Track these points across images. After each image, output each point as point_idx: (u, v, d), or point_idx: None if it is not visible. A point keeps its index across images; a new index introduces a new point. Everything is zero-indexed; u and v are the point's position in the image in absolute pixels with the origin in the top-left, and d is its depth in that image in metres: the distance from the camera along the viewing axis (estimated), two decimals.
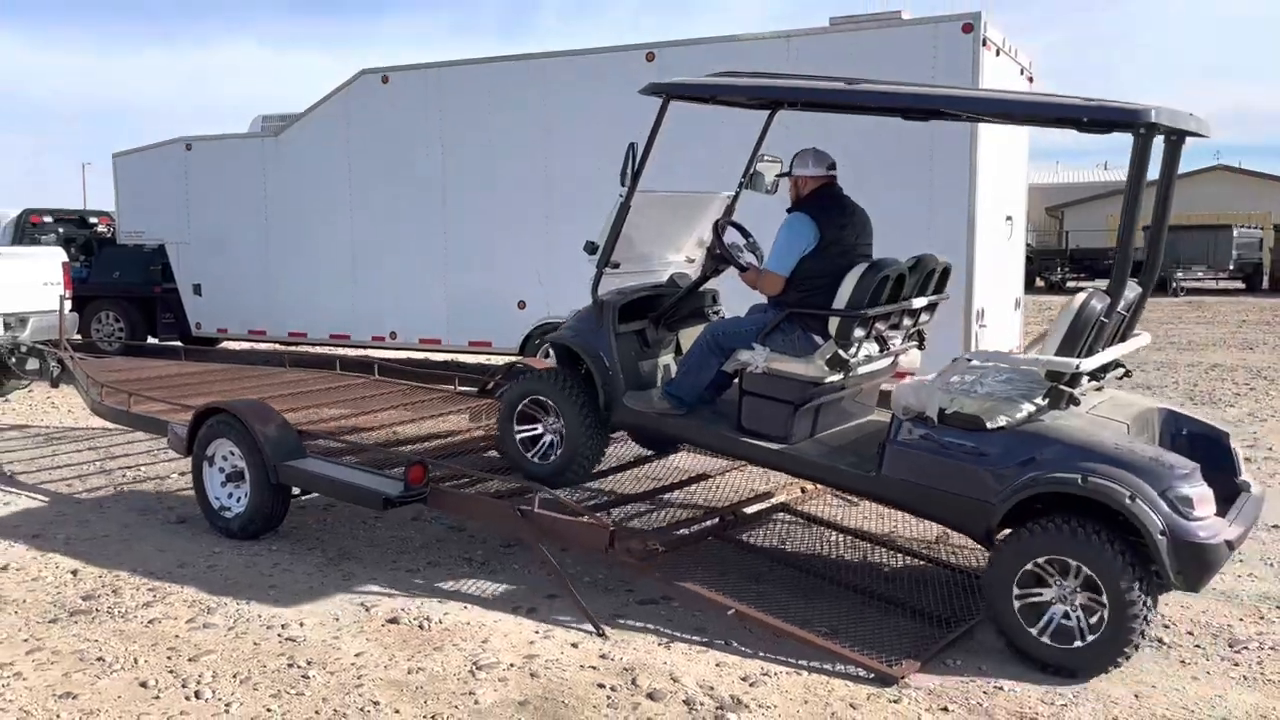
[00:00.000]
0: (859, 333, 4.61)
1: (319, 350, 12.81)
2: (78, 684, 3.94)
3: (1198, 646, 4.31)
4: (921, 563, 5.13)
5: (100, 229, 15.42)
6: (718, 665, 4.09)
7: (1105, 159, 51.51)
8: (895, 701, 3.80)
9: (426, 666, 4.07)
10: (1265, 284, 30.09)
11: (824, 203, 4.89)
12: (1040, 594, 4.01)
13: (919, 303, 4.98)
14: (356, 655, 4.19)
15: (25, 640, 4.36)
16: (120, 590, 4.94)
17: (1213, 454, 4.45)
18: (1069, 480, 3.89)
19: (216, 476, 5.80)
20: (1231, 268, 29.69)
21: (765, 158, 5.35)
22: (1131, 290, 4.61)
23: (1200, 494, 3.87)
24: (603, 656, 4.17)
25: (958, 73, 8.26)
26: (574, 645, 4.29)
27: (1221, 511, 4.04)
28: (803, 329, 4.73)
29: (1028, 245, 10.88)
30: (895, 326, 5.02)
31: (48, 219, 14.98)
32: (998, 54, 8.75)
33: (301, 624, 4.51)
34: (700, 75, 6.78)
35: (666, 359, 5.44)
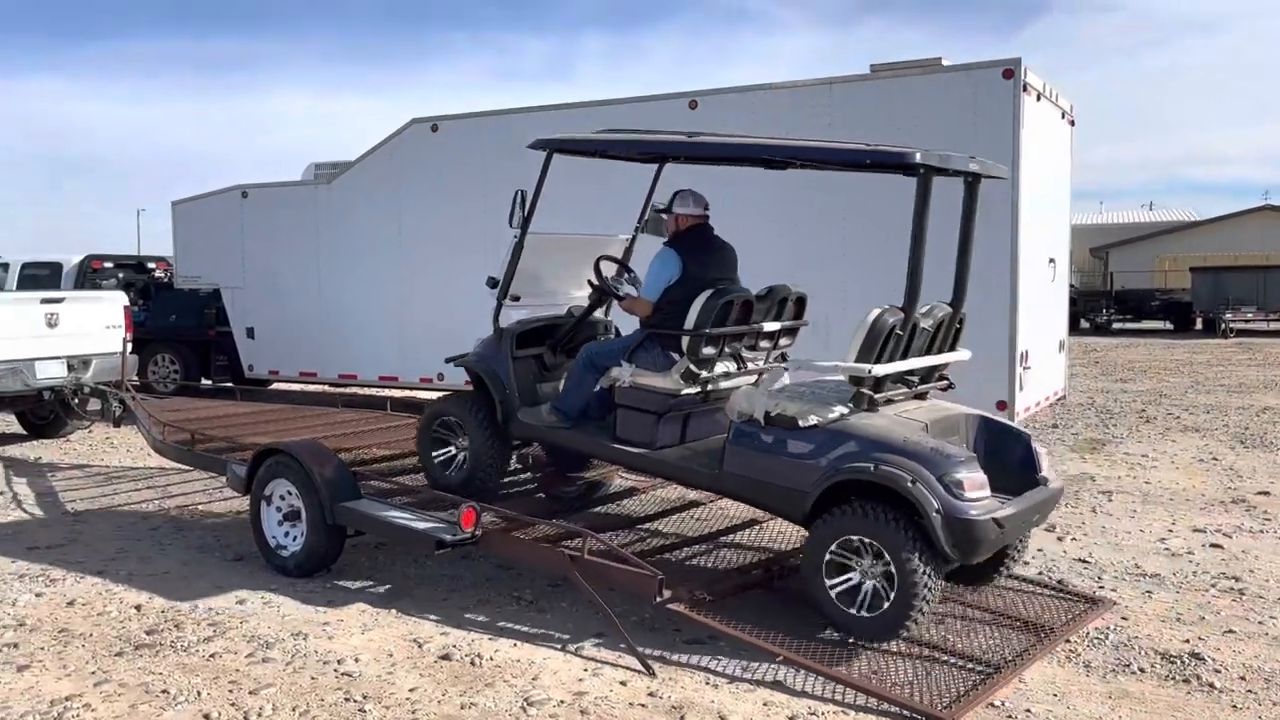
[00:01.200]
0: (709, 350, 5.23)
1: (369, 392, 13.05)
2: (144, 715, 4.08)
3: (1250, 691, 4.28)
4: (968, 609, 5.13)
5: (157, 274, 15.87)
6: (765, 704, 4.14)
7: (1150, 199, 51.21)
8: None
9: (479, 702, 4.16)
10: None
11: (693, 240, 5.53)
12: (846, 560, 4.58)
13: (770, 326, 5.53)
14: (410, 690, 4.28)
15: (93, 673, 4.51)
16: (182, 625, 5.08)
17: (1018, 453, 5.08)
18: (864, 469, 4.50)
19: (274, 516, 5.96)
20: None
21: (658, 206, 5.93)
22: (941, 310, 5.21)
23: (972, 479, 4.42)
24: (651, 695, 4.23)
25: (998, 118, 8.35)
26: (622, 683, 4.35)
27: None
28: (661, 348, 5.34)
29: (1071, 287, 10.85)
30: (753, 348, 5.65)
31: (108, 264, 15.44)
32: (1038, 99, 8.83)
33: (356, 659, 4.62)
34: (734, 122, 7.44)
35: (563, 381, 5.98)
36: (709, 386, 5.38)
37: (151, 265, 16.23)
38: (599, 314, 6.07)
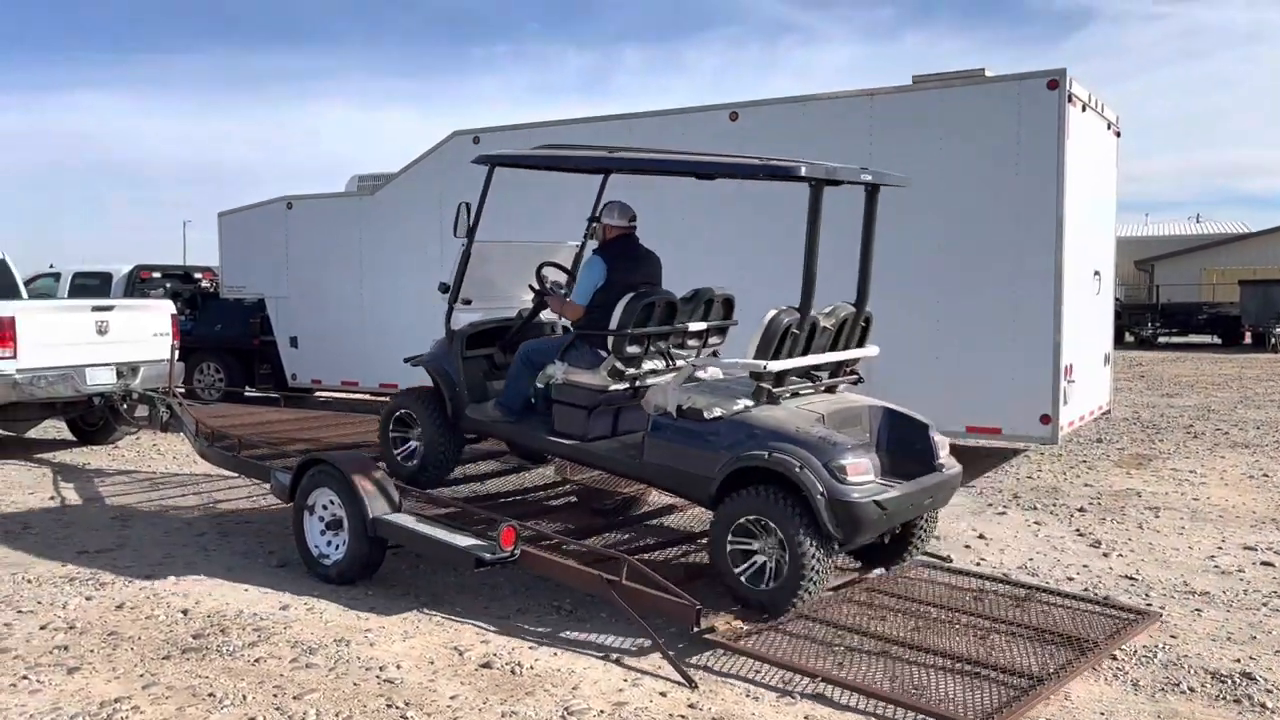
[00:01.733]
0: (634, 349, 5.63)
1: None
2: (191, 718, 4.13)
3: None
4: (1013, 625, 5.07)
5: (204, 284, 16.11)
6: (805, 718, 4.11)
7: (1198, 211, 50.46)
8: None
9: (519, 711, 4.17)
10: None
11: (619, 249, 5.98)
12: (747, 540, 4.96)
13: (695, 326, 5.88)
14: (452, 698, 4.31)
15: (141, 675, 4.58)
16: (227, 630, 5.15)
17: (918, 441, 5.41)
18: (759, 455, 4.90)
19: (316, 525, 6.03)
20: None
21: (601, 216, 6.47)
22: (845, 310, 5.63)
23: (856, 464, 4.81)
24: (691, 706, 4.22)
25: (1043, 129, 8.27)
26: (662, 694, 4.35)
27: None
28: (590, 347, 5.78)
29: (1116, 300, 10.70)
30: (681, 346, 6.01)
31: (156, 274, 15.70)
32: (1084, 109, 8.74)
33: (398, 666, 4.65)
34: (774, 134, 8.65)
35: None
36: (637, 383, 5.77)
37: (198, 275, 16.48)
38: (548, 316, 6.51)
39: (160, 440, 11.13)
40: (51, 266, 16.30)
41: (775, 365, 5.11)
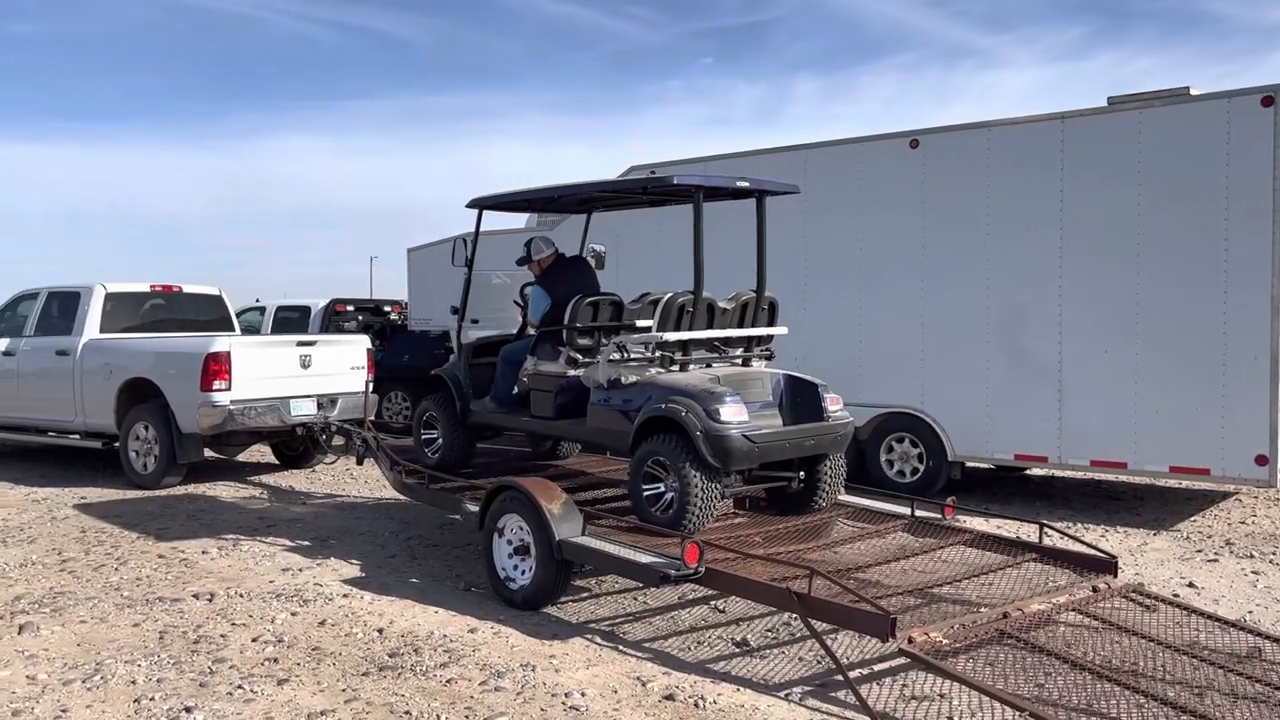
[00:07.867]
0: (584, 341, 6.60)
1: None
2: None
3: None
4: (1235, 677, 4.68)
5: (392, 316, 16.93)
6: None
7: None
8: None
9: None
10: None
11: (554, 273, 7.24)
12: (655, 477, 5.94)
13: (643, 323, 6.45)
14: None
15: (343, 690, 4.81)
16: (420, 650, 5.35)
17: (812, 399, 6.32)
18: (657, 408, 5.91)
19: (504, 549, 6.19)
20: None
21: (592, 247, 7.78)
22: (745, 295, 6.65)
23: (729, 408, 5.77)
24: None
25: (1257, 150, 7.73)
26: None
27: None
28: (551, 343, 6.85)
29: None
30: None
31: (350, 308, 16.62)
32: None
33: (583, 694, 4.71)
34: (957, 161, 9.14)
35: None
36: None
37: (387, 308, 17.32)
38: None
39: (353, 466, 11.71)
40: (258, 301, 17.52)
41: (671, 335, 6.21)
